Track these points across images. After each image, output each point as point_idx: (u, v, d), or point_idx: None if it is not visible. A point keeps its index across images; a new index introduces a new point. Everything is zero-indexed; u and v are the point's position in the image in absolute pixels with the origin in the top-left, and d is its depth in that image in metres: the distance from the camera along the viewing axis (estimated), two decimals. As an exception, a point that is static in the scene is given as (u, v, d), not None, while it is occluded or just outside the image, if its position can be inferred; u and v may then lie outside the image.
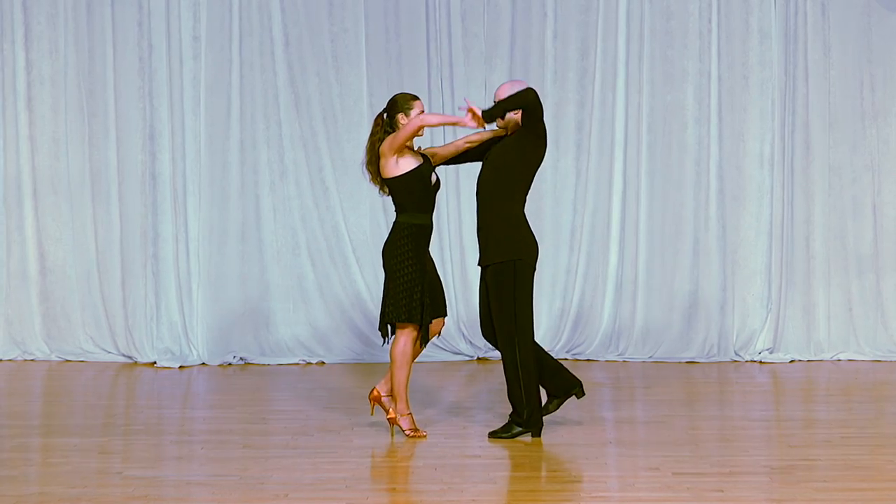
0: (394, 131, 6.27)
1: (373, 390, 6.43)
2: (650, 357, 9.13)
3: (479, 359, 9.21)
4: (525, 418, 6.28)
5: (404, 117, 6.28)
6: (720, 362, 9.05)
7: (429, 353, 9.10)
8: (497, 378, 8.42)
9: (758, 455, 5.96)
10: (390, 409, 6.36)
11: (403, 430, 6.34)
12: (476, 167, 6.53)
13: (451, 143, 6.67)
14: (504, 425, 6.37)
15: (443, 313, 6.40)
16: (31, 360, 9.22)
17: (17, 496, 5.20)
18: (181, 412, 7.18)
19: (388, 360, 8.64)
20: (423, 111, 6.30)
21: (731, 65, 9.12)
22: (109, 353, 9.19)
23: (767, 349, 9.13)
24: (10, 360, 9.21)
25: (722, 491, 5.24)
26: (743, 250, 9.19)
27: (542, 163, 6.40)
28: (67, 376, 8.61)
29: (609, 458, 5.90)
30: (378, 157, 6.28)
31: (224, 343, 9.11)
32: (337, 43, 9.16)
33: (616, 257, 9.21)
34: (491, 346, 6.53)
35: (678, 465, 5.69)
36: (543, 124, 6.28)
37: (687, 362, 9.06)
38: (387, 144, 6.23)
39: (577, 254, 9.25)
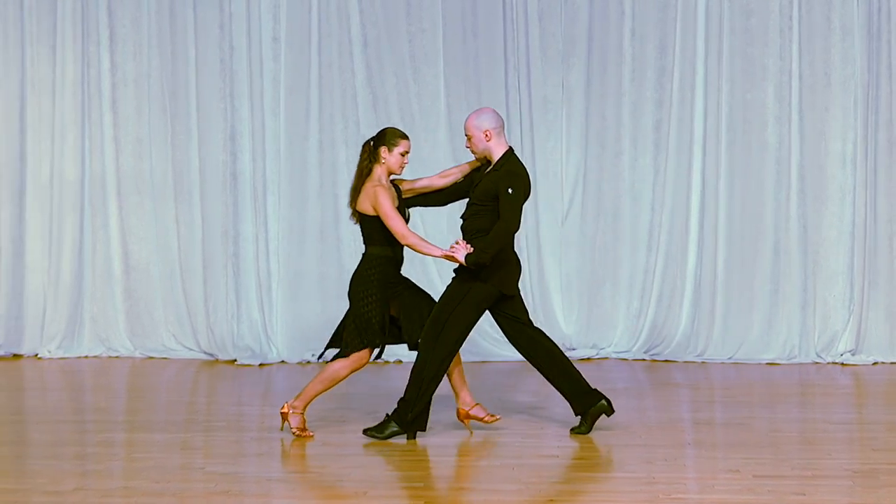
0: (376, 161, 6.30)
1: (458, 410, 6.45)
2: (730, 358, 9.04)
3: (555, 358, 9.18)
4: (408, 421, 6.24)
5: (386, 151, 6.30)
6: (801, 364, 8.94)
7: (505, 353, 9.12)
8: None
9: (840, 458, 5.88)
10: (285, 404, 6.40)
11: (291, 427, 6.38)
12: None
13: (423, 178, 6.60)
14: (380, 423, 6.32)
15: (404, 340, 6.39)
16: (116, 356, 9.40)
17: (102, 490, 5.31)
18: (261, 409, 7.26)
19: (473, 358, 8.72)
20: (408, 151, 6.33)
21: (813, 62, 9.00)
22: (191, 350, 9.33)
23: (850, 351, 8.99)
24: (95, 356, 9.40)
25: (804, 494, 5.18)
26: (824, 250, 9.06)
27: (527, 199, 6.35)
28: (150, 373, 8.76)
29: (688, 460, 5.85)
30: (360, 187, 6.30)
31: (303, 341, 9.20)
32: (415, 43, 9.20)
33: (695, 257, 9.14)
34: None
35: (759, 468, 5.63)
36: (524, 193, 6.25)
37: (767, 364, 8.96)
38: (374, 196, 6.20)
39: (655, 254, 9.19)
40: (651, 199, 9.21)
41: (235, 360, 9.14)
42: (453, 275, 6.42)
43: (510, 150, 6.32)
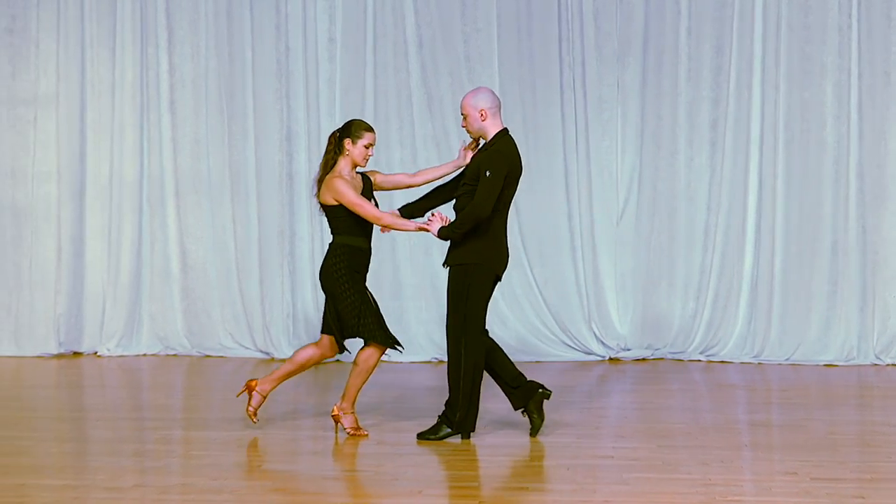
0: (340, 153, 6.31)
1: (333, 409, 6.51)
2: (787, 359, 8.96)
3: (610, 359, 9.16)
4: (457, 420, 6.22)
5: (350, 143, 6.31)
6: (860, 365, 8.84)
7: (560, 352, 9.11)
8: (630, 378, 8.38)
9: (900, 461, 5.81)
10: (334, 407, 6.46)
11: (345, 428, 6.41)
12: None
13: (399, 174, 6.61)
14: (433, 426, 6.30)
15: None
16: (173, 354, 9.50)
17: (161, 486, 5.37)
18: (317, 408, 7.30)
19: (527, 358, 8.72)
20: (372, 143, 6.33)
21: (872, 61, 8.89)
22: (247, 349, 9.41)
23: (910, 352, 8.88)
24: (153, 354, 9.51)
25: (863, 497, 5.12)
26: (884, 251, 8.95)
27: (516, 186, 6.28)
28: (207, 371, 8.84)
29: (744, 462, 5.81)
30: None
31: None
32: (469, 43, 9.21)
33: (751, 257, 9.06)
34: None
35: (816, 470, 5.58)
36: (509, 172, 6.16)
37: (825, 365, 8.87)
38: (341, 197, 6.22)
39: (710, 253, 9.13)
40: (707, 198, 9.15)
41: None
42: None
43: (503, 131, 6.26)
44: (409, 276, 9.28)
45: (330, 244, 6.38)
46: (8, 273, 9.56)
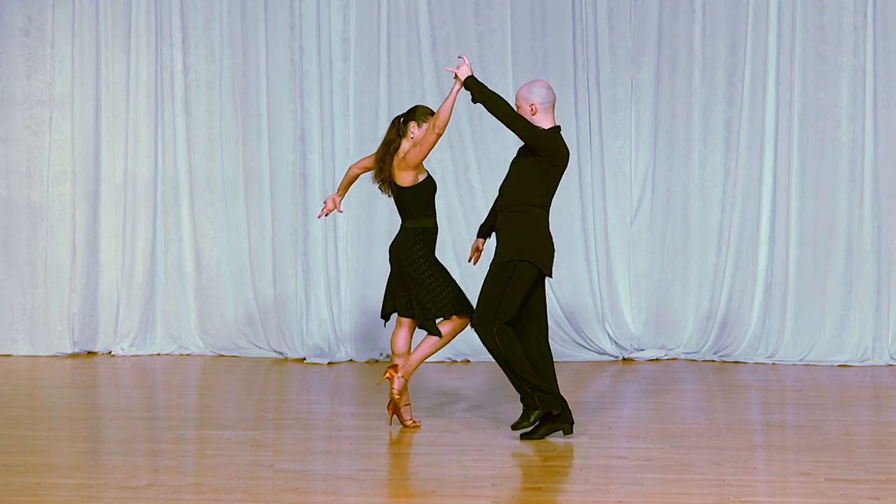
0: (403, 135, 6.42)
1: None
2: (801, 360, 8.94)
3: (624, 359, 9.15)
4: (549, 401, 6.18)
5: (416, 126, 6.41)
6: (874, 366, 8.80)
7: (574, 352, 9.10)
8: (644, 379, 8.37)
9: (915, 462, 5.79)
10: (389, 370, 6.47)
11: (394, 389, 6.45)
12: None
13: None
14: (532, 420, 6.23)
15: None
16: (187, 354, 9.52)
17: (174, 486, 5.38)
18: (330, 408, 7.31)
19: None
20: None
21: (888, 60, 8.86)
22: (261, 348, 9.42)
23: (925, 353, 8.85)
24: (167, 354, 9.53)
25: (878, 499, 5.11)
26: (899, 251, 8.92)
27: (561, 172, 6.28)
28: (221, 371, 8.86)
29: (758, 463, 5.80)
30: (392, 160, 6.39)
31: (372, 340, 9.24)
32: (483, 43, 9.21)
33: (766, 258, 9.04)
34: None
35: (831, 471, 5.56)
36: (552, 150, 6.19)
37: (839, 366, 8.85)
38: (412, 157, 6.34)
39: (725, 253, 9.11)
40: (721, 198, 9.13)
41: (304, 359, 9.21)
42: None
43: (554, 129, 6.24)
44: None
45: (403, 227, 6.51)
46: (23, 273, 9.59)
